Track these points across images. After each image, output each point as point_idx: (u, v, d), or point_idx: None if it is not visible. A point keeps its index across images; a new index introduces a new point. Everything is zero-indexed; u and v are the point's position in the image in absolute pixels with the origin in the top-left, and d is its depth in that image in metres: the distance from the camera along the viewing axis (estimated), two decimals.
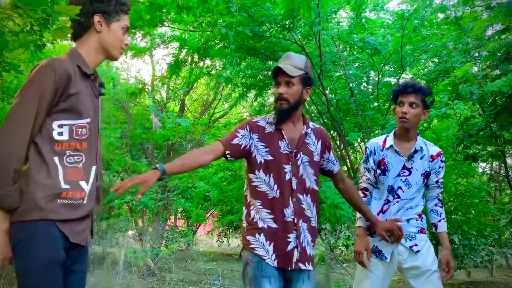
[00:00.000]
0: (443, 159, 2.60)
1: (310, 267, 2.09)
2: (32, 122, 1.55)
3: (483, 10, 4.72)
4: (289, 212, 2.06)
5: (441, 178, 2.60)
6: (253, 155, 2.11)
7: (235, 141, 2.08)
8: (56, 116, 1.60)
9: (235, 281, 7.07)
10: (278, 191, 2.07)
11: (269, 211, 2.06)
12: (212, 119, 12.08)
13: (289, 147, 2.12)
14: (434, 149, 2.60)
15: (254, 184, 2.11)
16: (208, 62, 6.53)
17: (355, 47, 5.46)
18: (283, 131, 2.13)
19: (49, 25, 3.01)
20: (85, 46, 1.73)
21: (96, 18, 1.70)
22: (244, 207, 2.19)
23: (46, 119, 1.59)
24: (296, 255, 2.04)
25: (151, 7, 4.63)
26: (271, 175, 2.08)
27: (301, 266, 2.05)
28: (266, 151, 2.11)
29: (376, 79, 5.42)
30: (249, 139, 2.10)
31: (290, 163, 2.10)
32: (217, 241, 13.80)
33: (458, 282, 7.61)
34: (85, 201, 1.64)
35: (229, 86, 7.00)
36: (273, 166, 2.09)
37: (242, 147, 2.08)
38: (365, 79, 5.69)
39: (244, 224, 2.13)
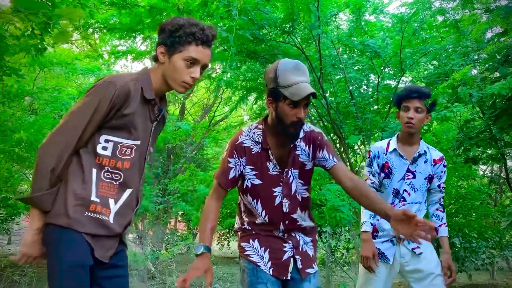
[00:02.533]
0: (445, 163, 2.61)
1: (316, 268, 2.02)
2: (81, 131, 1.58)
3: (482, 13, 4.73)
4: (280, 231, 2.00)
5: (443, 182, 2.61)
6: (243, 179, 2.01)
7: (231, 176, 1.96)
8: (105, 131, 1.62)
9: (236, 284, 7.06)
10: (266, 217, 1.97)
11: (260, 228, 2.01)
12: (213, 122, 12.09)
13: (278, 167, 1.96)
14: (437, 154, 2.60)
15: (244, 203, 2.05)
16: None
17: (355, 50, 5.47)
18: (269, 151, 1.96)
19: (50, 28, 3.03)
20: (155, 72, 1.72)
21: (159, 49, 1.68)
22: (237, 214, 2.13)
23: (95, 132, 1.61)
24: (292, 265, 1.96)
25: (152, 10, 4.65)
26: (259, 200, 1.97)
27: (309, 271, 1.99)
28: (253, 175, 1.97)
29: (376, 82, 5.43)
30: (240, 165, 1.97)
31: (281, 183, 1.97)
32: (217, 244, 13.78)
33: (459, 285, 7.59)
34: (111, 220, 1.62)
35: (229, 89, 7.02)
36: (261, 190, 1.96)
37: (237, 176, 1.98)
38: (365, 82, 5.69)
39: (239, 232, 2.09)
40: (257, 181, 1.96)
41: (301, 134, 1.98)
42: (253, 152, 1.96)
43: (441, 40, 5.30)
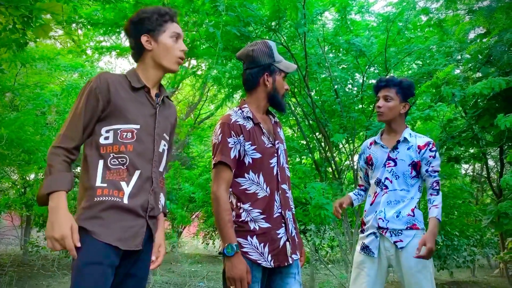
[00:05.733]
0: (433, 148, 2.54)
1: (298, 255, 2.09)
2: (82, 122, 1.69)
3: (466, 14, 4.80)
4: (276, 206, 2.02)
5: (433, 167, 2.52)
6: (242, 158, 2.02)
7: (232, 155, 1.99)
8: (104, 122, 1.72)
9: (220, 283, 7.05)
10: (268, 188, 2.02)
11: (260, 211, 1.99)
12: (198, 120, 12.05)
13: (270, 139, 2.09)
14: (422, 140, 2.55)
15: (242, 188, 2.02)
16: (193, 62, 6.51)
17: (340, 49, 5.48)
18: (261, 125, 2.08)
19: (32, 23, 2.98)
20: (142, 65, 1.85)
21: (143, 38, 1.81)
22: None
23: (95, 125, 1.71)
24: (289, 249, 2.01)
25: (137, 5, 4.60)
26: (260, 173, 2.02)
27: (294, 257, 2.04)
28: (253, 150, 2.02)
29: (361, 81, 5.46)
30: (239, 144, 2.00)
31: (276, 155, 2.08)
32: (202, 243, 13.75)
33: (441, 282, 7.70)
34: (125, 201, 1.67)
35: (215, 87, 7.00)
36: (261, 163, 2.03)
37: (237, 157, 2.01)
38: (350, 81, 5.73)
39: (234, 225, 2.01)
40: (258, 155, 2.04)
41: (276, 117, 2.23)
42: (247, 129, 2.04)
43: (425, 39, 5.35)
